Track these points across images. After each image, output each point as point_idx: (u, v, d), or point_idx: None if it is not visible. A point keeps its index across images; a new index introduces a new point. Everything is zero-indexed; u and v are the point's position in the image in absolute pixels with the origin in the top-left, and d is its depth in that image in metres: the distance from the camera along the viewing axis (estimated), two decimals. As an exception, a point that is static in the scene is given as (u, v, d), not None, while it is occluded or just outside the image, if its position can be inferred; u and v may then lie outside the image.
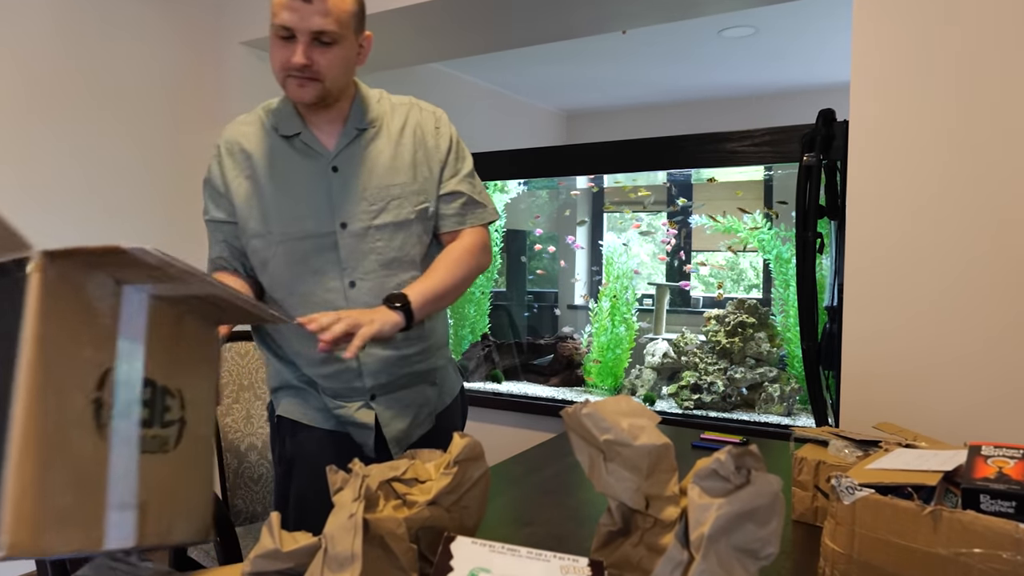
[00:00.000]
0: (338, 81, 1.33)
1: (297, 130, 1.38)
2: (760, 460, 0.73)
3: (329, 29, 1.27)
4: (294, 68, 1.29)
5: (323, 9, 1.27)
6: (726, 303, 3.03)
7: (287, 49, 1.30)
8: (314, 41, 1.28)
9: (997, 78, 1.70)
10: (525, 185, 3.63)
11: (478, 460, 0.91)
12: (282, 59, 1.31)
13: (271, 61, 1.34)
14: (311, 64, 1.28)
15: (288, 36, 1.29)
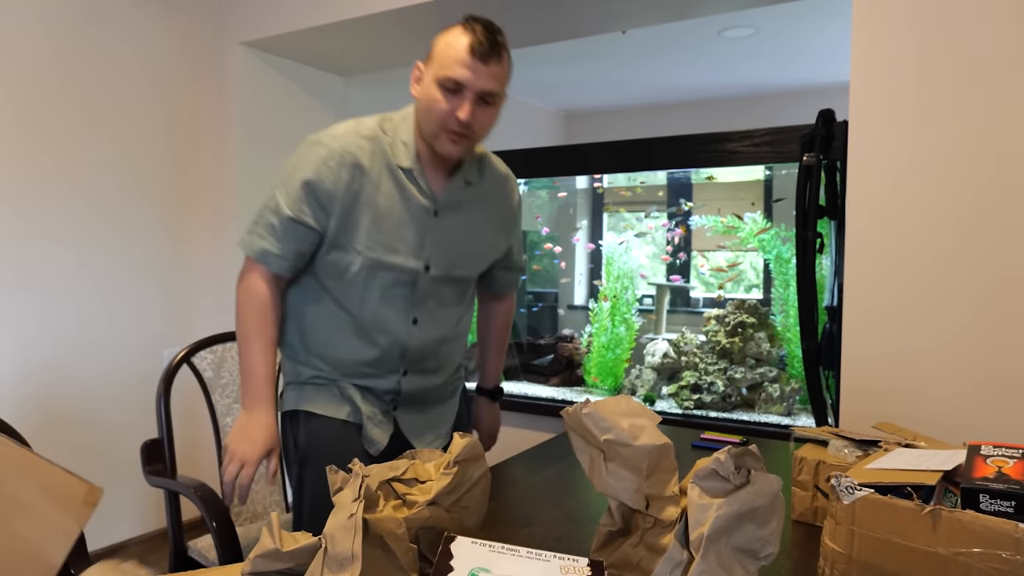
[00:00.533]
0: (480, 139, 1.38)
1: (412, 165, 1.37)
2: (760, 460, 0.73)
3: (496, 90, 1.31)
4: (457, 123, 1.29)
5: (496, 72, 1.30)
6: (726, 303, 3.03)
7: (451, 103, 1.29)
8: (479, 100, 1.30)
9: (997, 78, 1.71)
10: (525, 185, 3.63)
11: (478, 460, 0.91)
12: (445, 112, 1.29)
13: (428, 110, 1.31)
14: (472, 123, 1.30)
15: (455, 90, 1.29)
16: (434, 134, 1.32)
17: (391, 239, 1.37)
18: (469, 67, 1.27)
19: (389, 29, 2.88)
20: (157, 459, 1.70)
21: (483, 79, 1.28)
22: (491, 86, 1.29)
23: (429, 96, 1.30)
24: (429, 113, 1.31)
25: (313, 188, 1.34)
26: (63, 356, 2.70)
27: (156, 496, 3.05)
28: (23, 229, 2.59)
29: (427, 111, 1.31)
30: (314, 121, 3.46)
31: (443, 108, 1.29)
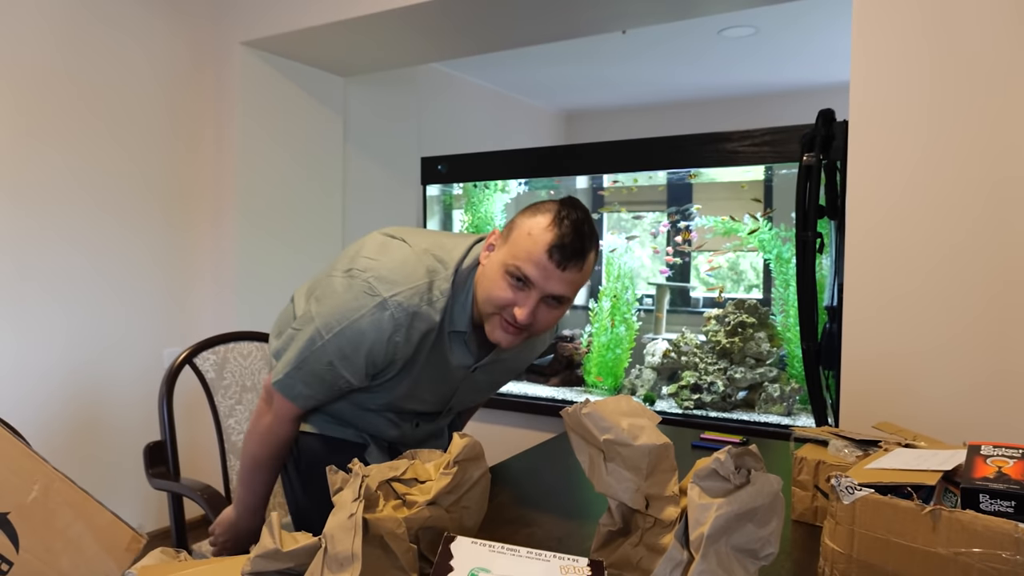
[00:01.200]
0: (539, 334, 1.27)
1: (466, 329, 1.26)
2: (760, 460, 0.73)
3: (566, 295, 1.19)
4: (513, 319, 1.18)
5: (573, 279, 1.17)
6: (726, 303, 3.03)
7: (515, 295, 1.17)
8: (545, 300, 1.18)
9: (997, 78, 1.71)
10: (526, 185, 3.64)
11: (478, 460, 0.91)
12: (505, 300, 1.17)
13: (488, 291, 1.19)
14: (532, 323, 1.19)
15: (521, 282, 1.17)
16: (488, 317, 1.21)
17: (420, 394, 1.33)
18: (544, 269, 1.14)
19: (389, 29, 2.88)
20: (160, 461, 1.70)
21: (555, 284, 1.16)
22: (563, 291, 1.17)
23: (493, 278, 1.19)
24: (488, 295, 1.19)
25: (375, 358, 1.22)
26: (63, 356, 2.70)
27: (156, 496, 3.05)
28: (23, 229, 2.59)
29: (487, 292, 1.20)
30: (314, 121, 3.46)
31: (504, 297, 1.17)
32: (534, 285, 1.16)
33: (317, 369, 1.24)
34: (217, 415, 1.85)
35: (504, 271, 1.17)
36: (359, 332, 1.19)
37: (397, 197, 4.04)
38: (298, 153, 3.39)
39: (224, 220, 3.17)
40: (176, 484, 1.64)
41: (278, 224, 3.32)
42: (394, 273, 1.21)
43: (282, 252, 3.34)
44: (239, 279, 3.15)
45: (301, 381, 1.26)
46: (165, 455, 1.71)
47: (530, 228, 1.17)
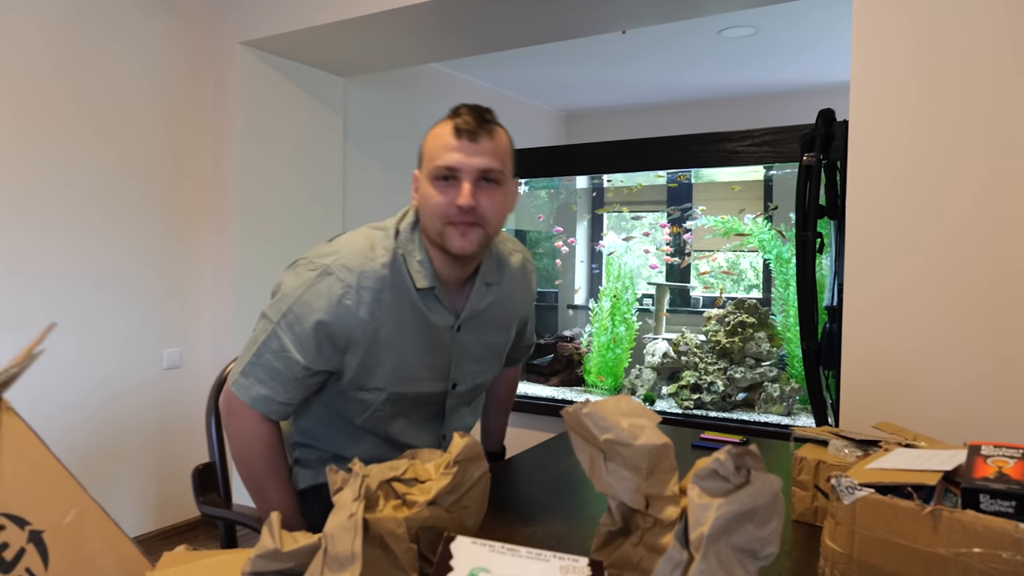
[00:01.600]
0: (497, 228, 1.24)
1: (432, 284, 1.24)
2: (760, 460, 0.73)
3: (495, 167, 1.18)
4: (459, 211, 1.16)
5: (490, 148, 1.18)
6: (726, 303, 3.03)
7: (449, 193, 1.17)
8: (480, 181, 1.18)
9: (997, 77, 1.71)
10: (526, 185, 3.63)
11: (478, 460, 0.91)
12: (444, 203, 1.17)
13: (427, 208, 1.20)
14: (476, 207, 1.17)
15: (450, 177, 1.18)
16: (440, 232, 1.19)
17: (415, 370, 1.27)
18: (458, 149, 1.16)
19: (389, 29, 2.88)
20: (210, 485, 1.48)
21: (476, 157, 1.16)
22: (488, 163, 1.17)
23: (425, 194, 1.20)
24: (429, 211, 1.20)
25: (328, 330, 1.19)
26: (62, 356, 2.70)
27: (155, 497, 3.05)
28: (23, 229, 2.59)
29: (427, 210, 1.20)
30: (314, 121, 3.46)
31: (441, 201, 1.17)
32: (460, 170, 1.17)
33: (271, 360, 1.20)
34: None
35: (431, 181, 1.19)
36: (306, 304, 1.19)
37: (397, 197, 4.04)
38: (298, 153, 3.39)
39: (223, 220, 3.17)
40: (228, 512, 1.43)
41: (278, 224, 3.32)
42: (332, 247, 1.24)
43: (282, 252, 3.34)
44: (238, 279, 3.15)
45: (257, 380, 1.21)
46: (215, 478, 1.49)
47: (434, 133, 1.21)
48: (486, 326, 1.35)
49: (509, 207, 1.25)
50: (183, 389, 3.13)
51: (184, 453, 3.13)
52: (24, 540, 0.74)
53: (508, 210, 1.25)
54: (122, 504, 2.90)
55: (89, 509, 0.78)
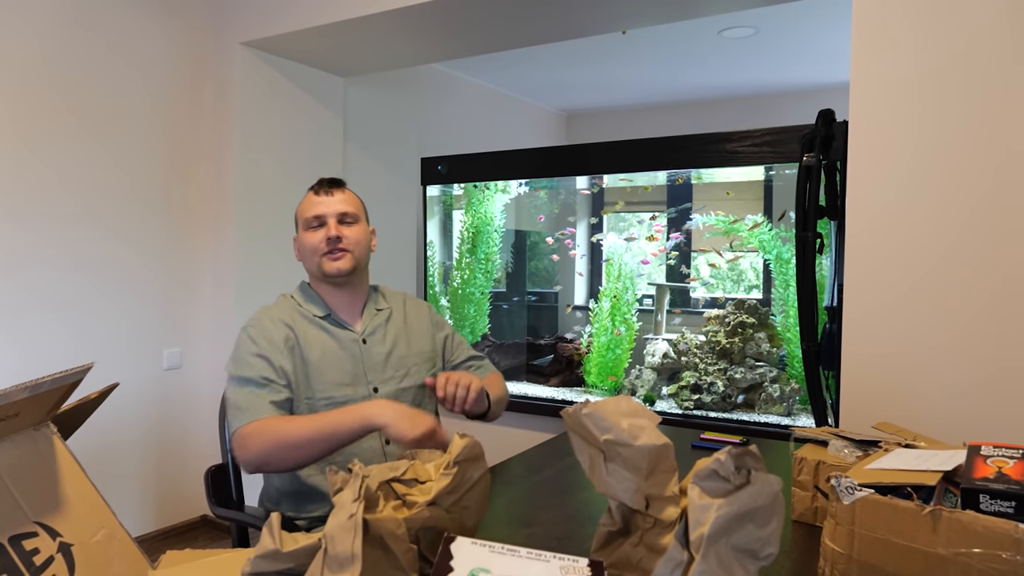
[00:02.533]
0: (362, 257, 1.57)
1: (326, 312, 1.56)
2: (760, 460, 0.73)
3: (351, 211, 1.55)
4: (328, 243, 1.51)
5: (343, 198, 1.55)
6: (726, 303, 3.03)
7: (319, 232, 1.53)
8: (340, 222, 1.53)
9: (997, 78, 1.71)
10: (527, 185, 3.64)
11: (478, 460, 0.91)
12: (316, 240, 1.52)
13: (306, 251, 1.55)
14: (342, 237, 1.51)
15: (318, 225, 1.53)
16: (319, 264, 1.52)
17: (335, 374, 1.49)
18: (318, 202, 1.53)
19: (389, 29, 2.88)
20: (223, 488, 1.53)
21: (333, 206, 1.53)
22: (343, 208, 1.53)
23: (303, 243, 1.54)
24: (308, 252, 1.53)
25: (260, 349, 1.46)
26: (62, 356, 2.70)
27: (155, 497, 3.05)
28: (23, 231, 2.59)
29: (307, 253, 1.54)
30: (314, 121, 3.46)
31: (314, 240, 1.52)
32: (323, 215, 1.52)
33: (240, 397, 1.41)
34: None
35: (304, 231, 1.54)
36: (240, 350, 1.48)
37: (397, 197, 4.04)
38: (298, 153, 3.39)
39: (224, 221, 3.17)
40: (241, 514, 1.48)
41: (278, 225, 3.31)
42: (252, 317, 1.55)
43: (282, 253, 3.34)
44: (239, 280, 3.15)
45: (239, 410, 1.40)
46: (227, 480, 1.54)
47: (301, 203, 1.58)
48: (391, 341, 1.59)
49: (371, 243, 1.60)
50: (183, 390, 3.13)
51: (184, 453, 3.13)
52: (54, 549, 0.80)
53: (370, 242, 1.59)
54: (122, 504, 2.90)
55: (117, 532, 0.85)
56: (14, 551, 0.77)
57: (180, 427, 3.11)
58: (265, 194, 3.25)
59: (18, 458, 0.81)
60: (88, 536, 0.83)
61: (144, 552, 0.85)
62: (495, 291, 3.71)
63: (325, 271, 1.52)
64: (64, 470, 0.85)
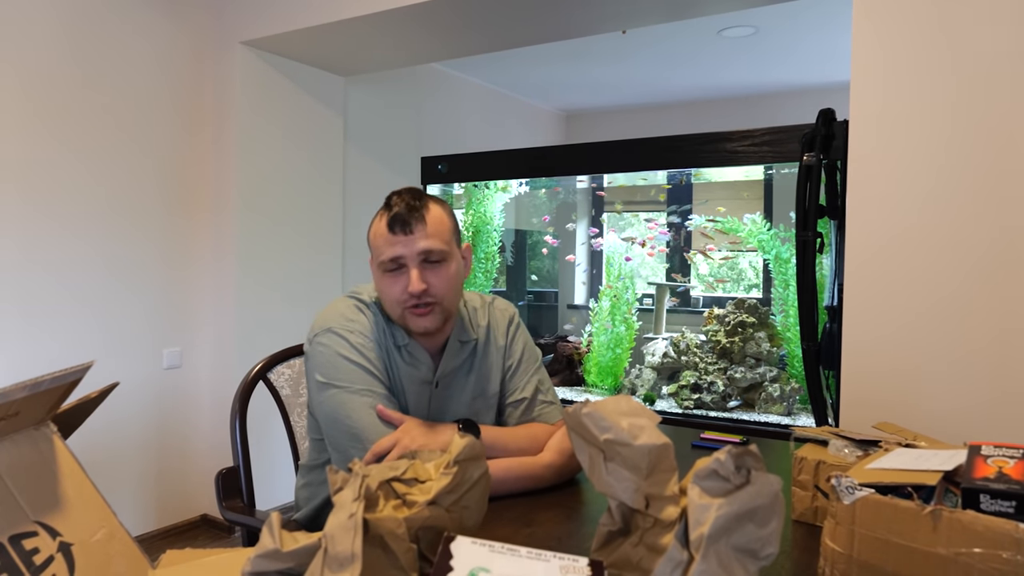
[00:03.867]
0: (453, 300, 1.34)
1: (405, 341, 1.36)
2: (760, 460, 0.73)
3: (436, 247, 1.29)
4: (412, 296, 1.28)
5: (425, 233, 1.28)
6: (726, 303, 3.02)
7: (399, 281, 1.29)
8: (424, 264, 1.29)
9: (997, 78, 1.70)
10: (526, 185, 3.64)
11: (478, 460, 0.91)
12: (397, 291, 1.29)
13: (384, 298, 1.33)
14: (428, 288, 1.28)
15: (397, 268, 1.29)
16: (401, 316, 1.32)
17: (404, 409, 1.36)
18: (398, 242, 1.27)
19: (389, 29, 2.88)
20: (234, 491, 1.49)
21: (415, 244, 1.27)
22: (427, 246, 1.28)
23: (380, 285, 1.33)
24: (387, 300, 1.32)
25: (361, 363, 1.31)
26: (62, 355, 2.70)
27: (155, 497, 3.05)
28: (22, 229, 2.59)
29: (385, 299, 1.33)
30: (314, 121, 3.46)
31: (394, 290, 1.29)
32: (403, 257, 1.28)
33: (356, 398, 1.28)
34: (293, 436, 1.65)
35: (380, 273, 1.31)
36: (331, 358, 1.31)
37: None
38: (298, 153, 3.39)
39: (224, 221, 3.17)
40: (251, 519, 1.43)
41: (278, 225, 3.31)
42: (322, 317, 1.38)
43: (282, 253, 3.34)
44: (239, 279, 3.15)
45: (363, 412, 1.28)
46: (238, 483, 1.50)
47: (374, 229, 1.32)
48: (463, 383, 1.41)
49: (463, 274, 1.36)
50: (183, 389, 3.13)
51: (184, 453, 3.12)
52: (54, 549, 0.80)
53: (462, 278, 1.36)
54: (122, 503, 2.90)
55: (117, 531, 0.85)
56: (14, 550, 0.77)
57: (180, 426, 3.11)
58: (265, 193, 3.25)
59: (18, 457, 0.81)
60: (88, 535, 0.83)
61: (144, 551, 0.85)
62: (494, 291, 3.71)
63: (410, 327, 1.32)
64: (64, 469, 0.85)
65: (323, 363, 1.31)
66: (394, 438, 1.23)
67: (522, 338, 1.49)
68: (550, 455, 1.34)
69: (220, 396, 3.13)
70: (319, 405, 1.32)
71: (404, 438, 1.23)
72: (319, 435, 1.41)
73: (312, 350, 1.35)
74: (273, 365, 1.67)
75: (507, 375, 1.45)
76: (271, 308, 3.27)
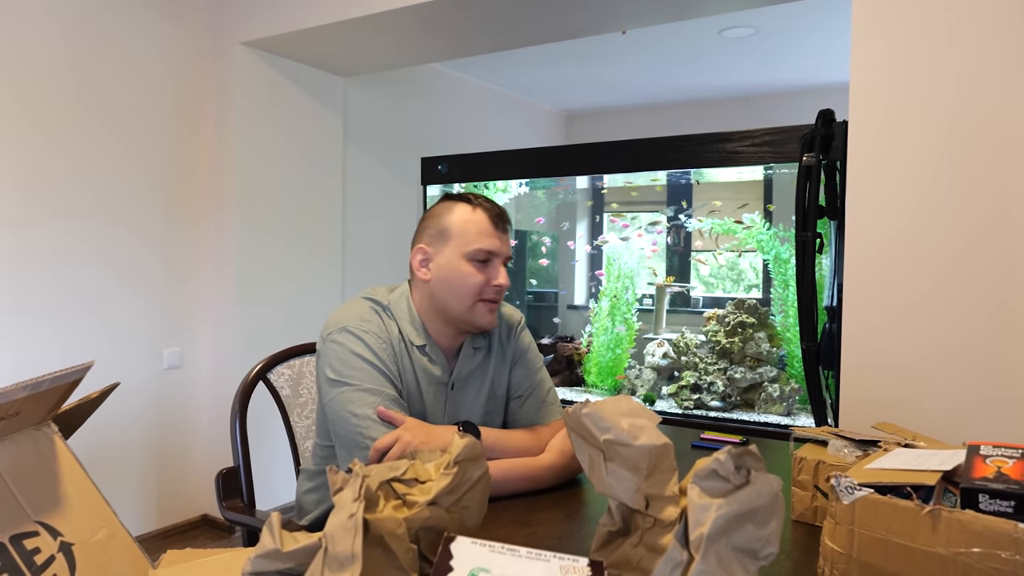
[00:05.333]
0: None
1: (424, 342, 1.39)
2: (760, 460, 0.73)
3: (510, 255, 1.40)
4: (495, 290, 1.34)
5: (510, 237, 1.41)
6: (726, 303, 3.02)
7: (485, 272, 1.34)
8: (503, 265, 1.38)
9: (996, 78, 1.71)
10: (526, 185, 3.63)
11: (478, 460, 0.91)
12: (481, 284, 1.34)
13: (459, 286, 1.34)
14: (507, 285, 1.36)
15: (486, 260, 1.35)
16: (470, 308, 1.34)
17: (423, 412, 1.38)
18: (497, 236, 1.35)
19: (389, 29, 2.88)
20: (234, 491, 1.49)
21: (506, 246, 1.37)
22: (509, 251, 1.38)
23: (458, 272, 1.33)
24: (462, 289, 1.33)
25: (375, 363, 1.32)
26: (62, 356, 2.70)
27: (155, 498, 3.05)
28: (23, 229, 2.59)
29: (458, 287, 1.34)
30: (314, 121, 3.46)
31: (479, 280, 1.33)
32: (496, 254, 1.35)
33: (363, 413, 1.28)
34: (293, 437, 1.65)
35: (466, 260, 1.34)
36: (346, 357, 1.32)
37: (397, 197, 4.04)
38: (298, 153, 3.39)
39: (224, 221, 3.17)
40: (252, 519, 1.43)
41: (278, 225, 3.32)
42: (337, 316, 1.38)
43: (282, 253, 3.34)
44: (239, 280, 3.15)
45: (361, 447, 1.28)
46: (239, 483, 1.51)
47: (464, 217, 1.35)
48: (479, 386, 1.45)
49: None
50: (183, 389, 3.13)
51: (184, 453, 3.13)
52: (55, 549, 0.80)
53: None
54: (123, 503, 2.90)
55: (118, 531, 0.85)
56: (15, 550, 0.78)
57: (180, 427, 3.11)
58: (265, 193, 3.25)
59: (19, 457, 0.81)
60: (89, 535, 0.83)
61: (145, 551, 0.85)
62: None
63: (477, 322, 1.35)
64: (65, 469, 0.85)
65: (335, 360, 1.32)
66: (395, 435, 1.24)
67: (527, 339, 1.53)
68: (550, 456, 1.35)
69: (220, 396, 3.13)
70: (328, 402, 1.33)
71: (405, 435, 1.24)
72: (329, 440, 1.41)
73: (325, 348, 1.35)
74: (273, 365, 1.67)
75: (512, 374, 1.49)
76: (271, 308, 3.28)
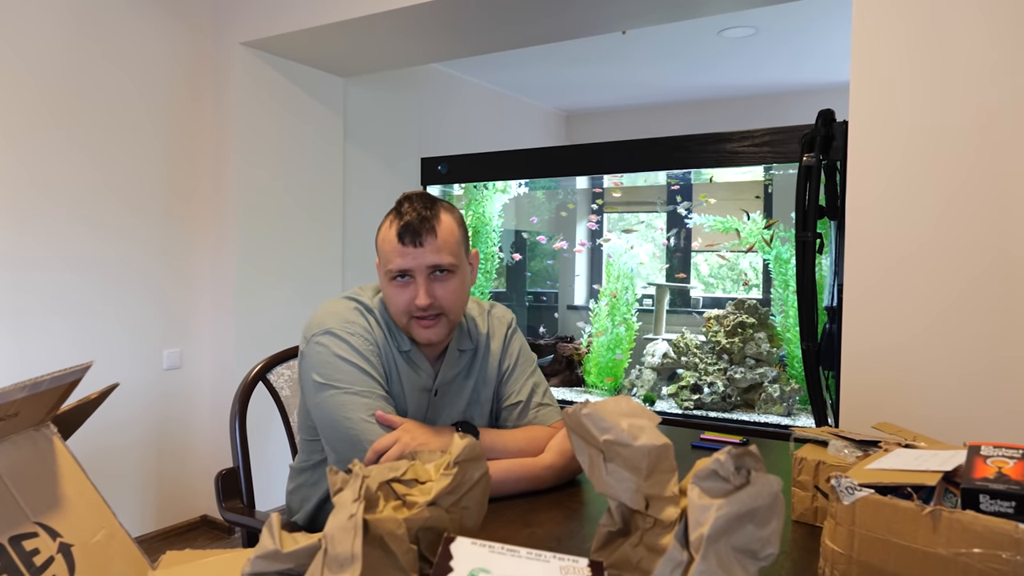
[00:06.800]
0: (459, 311, 1.35)
1: (408, 347, 1.36)
2: (760, 460, 0.73)
3: (446, 261, 1.29)
4: (419, 308, 1.28)
5: (435, 246, 1.28)
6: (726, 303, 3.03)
7: (406, 291, 1.29)
8: (432, 276, 1.29)
9: (997, 78, 1.71)
10: (526, 185, 3.63)
11: (478, 461, 0.91)
12: (404, 301, 1.30)
13: (391, 306, 1.33)
14: (434, 301, 1.28)
15: (404, 278, 1.30)
16: (406, 326, 1.32)
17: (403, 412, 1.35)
18: (406, 254, 1.27)
19: (389, 29, 2.88)
20: (234, 491, 1.49)
21: (423, 259, 1.27)
22: (436, 260, 1.27)
23: (387, 290, 1.32)
24: (392, 308, 1.32)
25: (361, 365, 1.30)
26: (62, 356, 2.70)
27: (155, 498, 3.05)
28: (23, 229, 2.59)
29: (391, 307, 1.33)
30: (314, 121, 3.46)
31: (401, 300, 1.29)
32: (411, 270, 1.27)
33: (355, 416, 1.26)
34: (293, 437, 1.65)
35: (387, 280, 1.30)
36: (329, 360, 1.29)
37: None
38: (298, 153, 3.39)
39: (224, 220, 3.17)
40: (251, 519, 1.43)
41: (278, 225, 3.32)
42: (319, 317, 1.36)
43: (282, 253, 3.34)
44: (239, 280, 3.15)
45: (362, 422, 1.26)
46: (238, 484, 1.51)
47: (383, 234, 1.31)
48: (461, 392, 1.42)
49: (470, 283, 1.37)
50: (183, 390, 3.13)
51: (184, 454, 3.12)
52: (54, 550, 0.80)
53: (468, 289, 1.36)
54: (122, 504, 2.90)
55: (117, 532, 0.85)
56: (14, 551, 0.77)
57: (180, 427, 3.11)
58: (265, 194, 3.25)
59: (18, 458, 0.81)
60: (88, 536, 0.83)
61: (144, 552, 0.85)
62: (494, 291, 3.71)
63: (414, 337, 1.33)
64: (64, 470, 0.85)
65: (321, 363, 1.30)
66: (394, 436, 1.23)
67: (518, 342, 1.49)
68: (550, 456, 1.34)
69: (220, 397, 3.13)
70: (316, 407, 1.31)
71: (404, 436, 1.23)
72: (310, 436, 1.40)
73: (309, 350, 1.33)
74: (273, 366, 1.67)
75: (503, 379, 1.45)
76: (271, 309, 3.27)
